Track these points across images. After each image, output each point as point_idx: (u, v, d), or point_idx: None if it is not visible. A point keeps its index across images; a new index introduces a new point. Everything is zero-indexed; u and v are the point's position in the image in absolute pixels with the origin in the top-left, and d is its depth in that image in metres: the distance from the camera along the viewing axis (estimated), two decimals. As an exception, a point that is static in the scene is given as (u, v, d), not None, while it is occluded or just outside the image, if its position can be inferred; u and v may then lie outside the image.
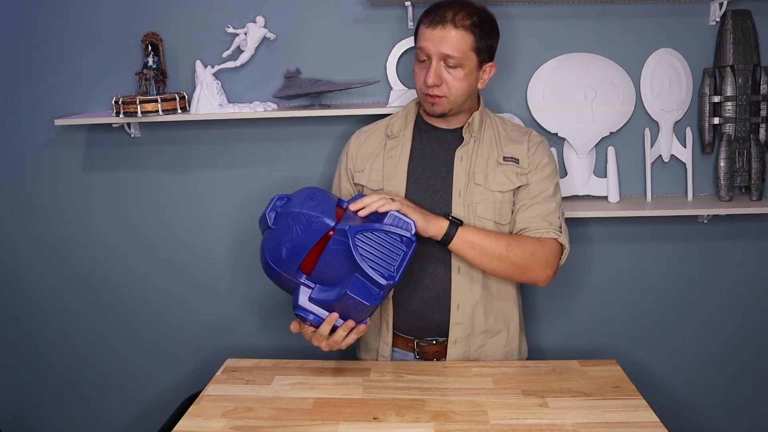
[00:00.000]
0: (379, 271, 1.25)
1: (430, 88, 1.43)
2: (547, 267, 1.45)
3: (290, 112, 1.84)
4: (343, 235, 1.25)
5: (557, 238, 1.46)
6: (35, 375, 2.21)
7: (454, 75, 1.43)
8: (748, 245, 1.98)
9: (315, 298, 1.30)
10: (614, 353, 1.97)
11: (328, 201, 1.33)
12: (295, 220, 1.28)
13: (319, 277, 1.30)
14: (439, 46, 1.40)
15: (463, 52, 1.41)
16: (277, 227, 1.31)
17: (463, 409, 1.27)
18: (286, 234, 1.28)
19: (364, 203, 1.34)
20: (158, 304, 2.12)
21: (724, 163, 1.86)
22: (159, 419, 1.75)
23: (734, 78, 1.83)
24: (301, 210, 1.29)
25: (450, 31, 1.40)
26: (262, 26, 1.86)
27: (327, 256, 1.27)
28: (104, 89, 1.97)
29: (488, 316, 1.52)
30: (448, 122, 1.54)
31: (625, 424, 1.21)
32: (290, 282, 1.32)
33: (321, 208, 1.29)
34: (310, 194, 1.34)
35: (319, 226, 1.27)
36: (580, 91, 1.87)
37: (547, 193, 1.50)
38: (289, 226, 1.29)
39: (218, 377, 1.44)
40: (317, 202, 1.31)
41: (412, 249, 1.29)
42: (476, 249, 1.42)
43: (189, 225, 2.06)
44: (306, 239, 1.27)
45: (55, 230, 2.10)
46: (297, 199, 1.33)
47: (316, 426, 1.23)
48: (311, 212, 1.28)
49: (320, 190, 1.37)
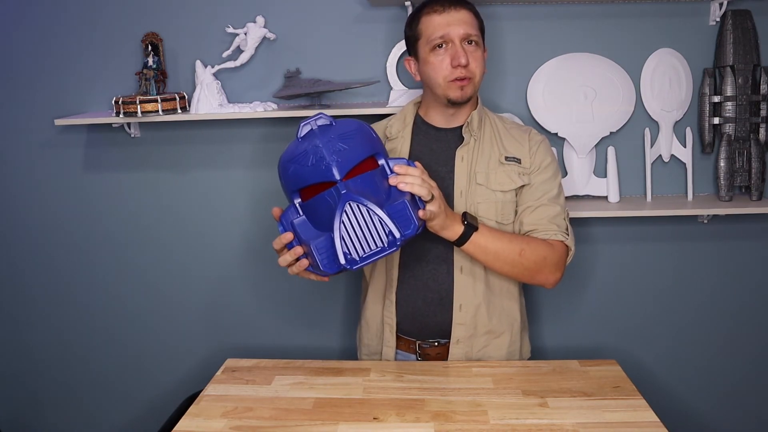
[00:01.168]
0: (347, 249, 1.23)
1: (459, 70, 1.43)
2: (556, 270, 1.45)
3: (290, 112, 1.84)
4: (338, 194, 1.23)
5: (565, 240, 1.46)
6: (35, 375, 2.21)
7: (476, 55, 1.45)
8: (748, 245, 1.98)
9: (294, 226, 1.30)
10: (614, 353, 1.97)
11: (361, 149, 1.27)
12: (313, 149, 1.25)
13: (309, 210, 1.29)
14: (460, 28, 1.43)
15: (477, 30, 1.46)
16: (301, 142, 1.29)
17: (463, 409, 1.27)
18: (301, 156, 1.27)
19: (405, 180, 1.28)
20: (158, 304, 2.12)
21: (724, 163, 1.86)
22: (159, 419, 1.75)
23: (734, 78, 1.83)
24: (323, 145, 1.25)
25: (462, 12, 1.44)
26: (262, 26, 1.86)
27: (320, 200, 1.26)
28: (104, 89, 1.97)
29: (491, 316, 1.52)
30: (449, 120, 1.54)
31: (625, 424, 1.21)
32: (287, 196, 1.33)
33: (342, 155, 1.24)
34: (349, 133, 1.28)
35: (325, 172, 1.24)
36: (580, 91, 1.87)
37: (551, 194, 1.50)
38: (306, 151, 1.26)
39: (218, 377, 1.44)
40: (347, 147, 1.25)
41: (391, 249, 1.24)
42: (489, 254, 1.41)
43: (189, 225, 2.06)
44: (310, 173, 1.25)
45: (55, 230, 2.10)
46: (335, 130, 1.29)
47: (316, 426, 1.23)
48: (327, 154, 1.24)
49: (365, 131, 1.31)
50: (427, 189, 1.29)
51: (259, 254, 2.05)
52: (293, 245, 1.31)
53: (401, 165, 1.30)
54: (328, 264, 1.26)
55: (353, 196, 1.22)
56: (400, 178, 1.28)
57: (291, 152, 1.30)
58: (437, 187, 1.34)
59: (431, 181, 1.32)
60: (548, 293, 2.00)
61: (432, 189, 1.31)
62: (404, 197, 1.27)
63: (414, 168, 1.30)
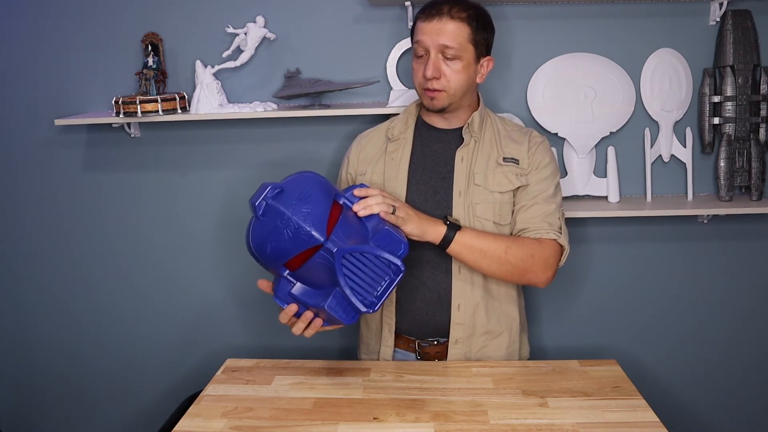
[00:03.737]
0: (361, 296, 1.24)
1: (429, 81, 1.43)
2: (546, 268, 1.45)
3: (290, 112, 1.84)
4: (330, 253, 1.22)
5: (557, 239, 1.46)
6: (35, 375, 2.21)
7: (453, 67, 1.43)
8: (748, 245, 1.98)
9: (295, 296, 1.28)
10: (614, 353, 1.97)
11: (323, 202, 1.25)
12: (284, 223, 1.22)
13: (301, 277, 1.28)
14: (437, 38, 1.41)
15: (460, 43, 1.42)
16: (265, 220, 1.24)
17: (463, 409, 1.27)
18: (274, 233, 1.23)
19: (368, 203, 1.31)
20: (158, 303, 2.12)
21: (724, 163, 1.86)
22: (159, 419, 1.75)
23: (734, 78, 1.83)
24: (291, 215, 1.22)
25: (447, 23, 1.41)
26: (262, 26, 1.86)
27: (311, 265, 1.24)
28: (104, 89, 1.97)
29: (490, 317, 1.52)
30: (449, 122, 1.54)
31: (625, 424, 1.21)
32: (272, 271, 1.31)
33: (313, 217, 1.22)
34: (304, 192, 1.25)
35: (307, 239, 1.21)
36: (580, 91, 1.87)
37: (547, 193, 1.50)
38: (277, 227, 1.22)
39: (218, 377, 1.44)
40: (311, 206, 1.23)
41: (398, 277, 1.26)
42: (475, 252, 1.41)
43: (189, 225, 2.06)
44: (292, 246, 1.23)
45: (55, 230, 2.10)
46: (290, 195, 1.25)
47: (316, 426, 1.23)
48: (302, 222, 1.21)
49: (316, 181, 1.29)
50: (389, 203, 1.33)
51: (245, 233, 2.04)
52: (300, 313, 1.30)
53: (359, 189, 1.33)
54: (347, 317, 1.26)
55: (344, 249, 1.22)
56: (363, 203, 1.31)
57: (259, 233, 1.25)
58: (397, 199, 1.39)
59: (390, 195, 1.37)
60: (548, 293, 2.00)
61: (393, 201, 1.35)
62: (382, 223, 1.30)
63: (370, 188, 1.34)
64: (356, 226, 1.29)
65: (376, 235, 1.28)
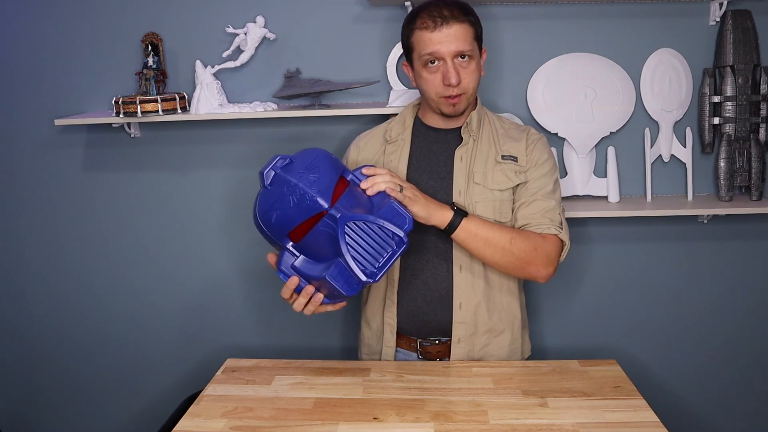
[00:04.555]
0: (363, 266, 1.24)
1: (449, 88, 1.43)
2: (548, 263, 1.45)
3: (290, 112, 1.84)
4: (333, 220, 1.23)
5: (558, 234, 1.46)
6: (35, 375, 2.21)
7: (468, 69, 1.44)
8: (748, 245, 1.98)
9: (297, 268, 1.29)
10: (614, 353, 1.97)
11: (330, 173, 1.28)
12: (290, 190, 1.24)
13: (305, 249, 1.28)
14: (452, 45, 1.41)
15: (471, 43, 1.43)
16: (272, 189, 1.27)
17: (463, 409, 1.27)
18: (279, 201, 1.25)
19: (375, 181, 1.32)
20: (158, 303, 2.12)
21: (724, 163, 1.86)
22: (159, 419, 1.75)
23: (734, 78, 1.83)
24: (298, 182, 1.24)
25: (456, 28, 1.41)
26: (262, 26, 1.86)
27: (315, 234, 1.25)
28: (104, 89, 1.97)
29: (492, 315, 1.52)
30: (447, 122, 1.54)
31: (625, 424, 1.21)
32: (276, 244, 1.31)
33: (319, 185, 1.24)
34: (313, 163, 1.28)
35: (312, 205, 1.23)
36: (580, 91, 1.87)
37: (546, 189, 1.50)
38: (283, 194, 1.25)
39: (218, 377, 1.44)
40: (318, 175, 1.25)
41: (401, 249, 1.27)
42: (479, 240, 1.41)
43: (189, 225, 2.06)
44: (297, 213, 1.24)
45: (55, 230, 2.10)
46: (298, 165, 1.28)
47: (316, 426, 1.23)
48: (307, 188, 1.23)
49: (325, 156, 1.32)
50: (397, 182, 1.34)
51: (260, 253, 2.04)
52: (302, 287, 1.31)
53: (368, 168, 1.34)
54: (347, 288, 1.26)
55: (348, 216, 1.23)
56: (371, 180, 1.32)
57: (266, 201, 1.28)
58: (405, 180, 1.42)
59: (398, 176, 1.38)
60: (548, 293, 2.00)
61: (401, 182, 1.36)
62: (387, 199, 1.30)
63: (378, 167, 1.36)
64: (362, 200, 1.30)
65: (382, 209, 1.28)
